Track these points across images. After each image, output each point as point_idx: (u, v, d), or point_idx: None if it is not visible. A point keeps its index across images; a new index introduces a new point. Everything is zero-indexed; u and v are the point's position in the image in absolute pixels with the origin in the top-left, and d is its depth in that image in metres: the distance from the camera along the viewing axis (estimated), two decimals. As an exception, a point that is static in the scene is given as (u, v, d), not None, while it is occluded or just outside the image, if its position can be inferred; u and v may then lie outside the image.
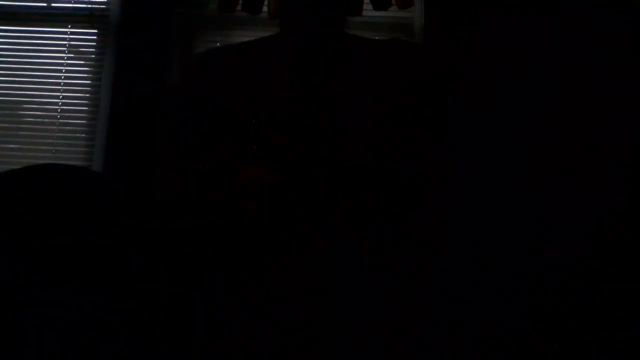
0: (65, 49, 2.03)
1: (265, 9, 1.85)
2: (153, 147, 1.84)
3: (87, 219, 0.55)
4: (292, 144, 0.62)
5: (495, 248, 1.54)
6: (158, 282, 0.56)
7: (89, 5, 2.06)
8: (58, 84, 2.01)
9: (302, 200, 0.60)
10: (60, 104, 1.99)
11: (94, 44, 2.03)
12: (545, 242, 1.66)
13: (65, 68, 2.02)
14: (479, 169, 1.58)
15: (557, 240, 1.66)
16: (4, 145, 1.97)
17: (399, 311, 0.65)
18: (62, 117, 1.99)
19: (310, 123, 0.67)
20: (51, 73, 2.02)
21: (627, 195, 1.70)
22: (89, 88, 2.00)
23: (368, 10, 1.88)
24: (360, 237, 0.65)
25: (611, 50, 1.82)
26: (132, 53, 1.94)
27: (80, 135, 1.97)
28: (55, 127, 1.98)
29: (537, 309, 1.58)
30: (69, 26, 2.05)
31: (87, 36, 2.04)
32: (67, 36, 2.04)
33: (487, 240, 1.52)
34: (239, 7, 1.92)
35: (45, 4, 2.06)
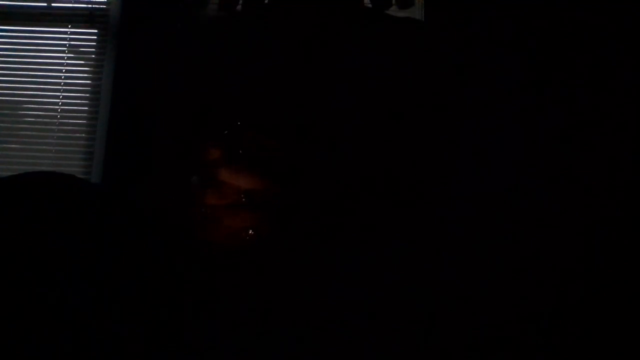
0: (65, 49, 2.03)
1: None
2: (153, 147, 1.84)
3: (87, 220, 0.55)
4: (287, 145, 0.62)
5: (495, 248, 1.54)
6: (158, 282, 0.56)
7: (89, 5, 2.06)
8: (58, 84, 2.01)
9: (302, 201, 0.60)
10: (60, 104, 1.99)
11: (94, 44, 2.04)
12: (545, 242, 1.65)
13: (65, 68, 2.02)
14: (479, 168, 1.59)
15: (557, 240, 1.66)
16: (4, 146, 1.97)
17: (399, 311, 0.65)
18: (62, 117, 1.99)
19: (308, 122, 0.67)
20: (51, 73, 2.02)
21: (627, 195, 1.70)
22: (89, 88, 2.00)
23: (368, 10, 1.87)
24: (360, 237, 0.65)
25: (612, 50, 1.81)
26: (132, 53, 1.94)
27: (80, 135, 1.97)
28: (55, 127, 1.98)
29: (537, 308, 1.58)
30: (69, 26, 2.05)
31: (87, 36, 2.04)
32: (67, 36, 2.04)
33: (487, 240, 1.52)
34: (239, 7, 1.93)
35: (45, 4, 2.07)
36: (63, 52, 2.03)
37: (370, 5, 1.92)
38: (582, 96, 1.78)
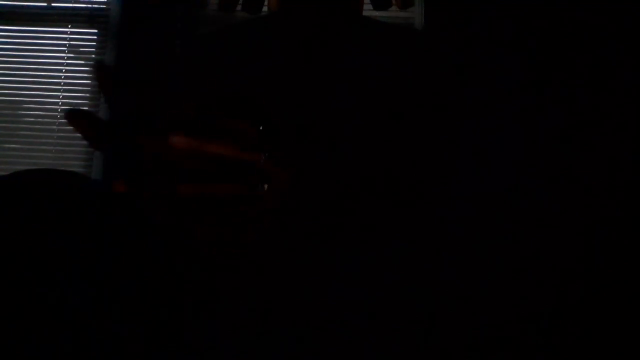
0: (65, 49, 2.03)
1: (265, 9, 1.85)
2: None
3: (87, 220, 0.55)
4: (291, 143, 0.62)
5: (495, 248, 1.54)
6: (158, 282, 0.56)
7: (89, 5, 2.06)
8: (58, 84, 2.01)
9: (302, 201, 0.60)
10: (60, 104, 1.99)
11: (94, 44, 2.04)
12: (545, 242, 1.65)
13: (65, 68, 2.02)
14: (479, 168, 1.58)
15: (557, 240, 1.66)
16: (4, 146, 1.97)
17: (399, 311, 0.65)
18: (62, 117, 1.98)
19: (308, 122, 0.67)
20: (51, 73, 2.02)
21: (627, 195, 1.70)
22: (89, 88, 2.00)
23: (368, 11, 1.87)
24: (360, 237, 0.65)
25: (612, 50, 1.81)
26: (132, 53, 1.94)
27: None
28: (55, 127, 1.98)
29: (537, 308, 1.58)
30: (69, 26, 2.05)
31: (87, 36, 2.04)
32: (67, 36, 2.04)
33: (487, 240, 1.52)
34: (239, 7, 1.92)
35: (45, 4, 2.07)
36: (63, 52, 2.03)
37: (370, 7, 1.92)
38: (582, 96, 1.78)
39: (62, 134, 1.97)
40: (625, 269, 1.64)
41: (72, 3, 2.06)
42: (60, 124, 1.98)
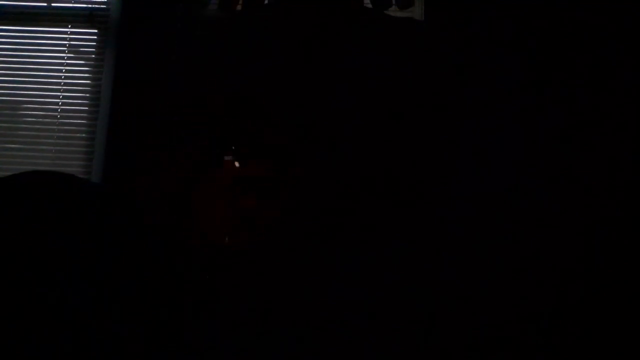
0: (65, 49, 2.03)
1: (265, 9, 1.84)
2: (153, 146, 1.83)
3: (87, 220, 0.55)
4: (291, 143, 0.62)
5: (495, 248, 1.54)
6: (158, 282, 0.56)
7: (89, 5, 2.06)
8: (58, 84, 2.01)
9: (303, 202, 0.60)
10: (60, 104, 1.99)
11: (94, 44, 2.04)
12: (545, 242, 1.65)
13: (65, 68, 2.02)
14: (479, 168, 1.58)
15: (557, 240, 1.66)
16: (4, 145, 1.97)
17: (399, 311, 0.65)
18: (62, 117, 1.99)
19: (308, 122, 0.67)
20: (51, 73, 2.02)
21: (627, 195, 1.70)
22: (89, 88, 2.00)
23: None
24: (360, 237, 0.65)
25: (612, 50, 1.81)
26: (132, 53, 1.94)
27: (81, 135, 1.97)
28: (55, 127, 1.98)
29: (537, 308, 1.58)
30: (69, 26, 2.05)
31: (87, 36, 2.04)
32: (67, 36, 2.04)
33: (487, 240, 1.52)
34: (239, 7, 1.92)
35: (45, 4, 2.07)
36: (63, 52, 2.03)
37: (370, 6, 1.92)
38: (582, 96, 1.78)
39: (62, 134, 1.97)
40: (625, 269, 1.64)
41: (72, 3, 2.06)
42: (60, 124, 1.98)
